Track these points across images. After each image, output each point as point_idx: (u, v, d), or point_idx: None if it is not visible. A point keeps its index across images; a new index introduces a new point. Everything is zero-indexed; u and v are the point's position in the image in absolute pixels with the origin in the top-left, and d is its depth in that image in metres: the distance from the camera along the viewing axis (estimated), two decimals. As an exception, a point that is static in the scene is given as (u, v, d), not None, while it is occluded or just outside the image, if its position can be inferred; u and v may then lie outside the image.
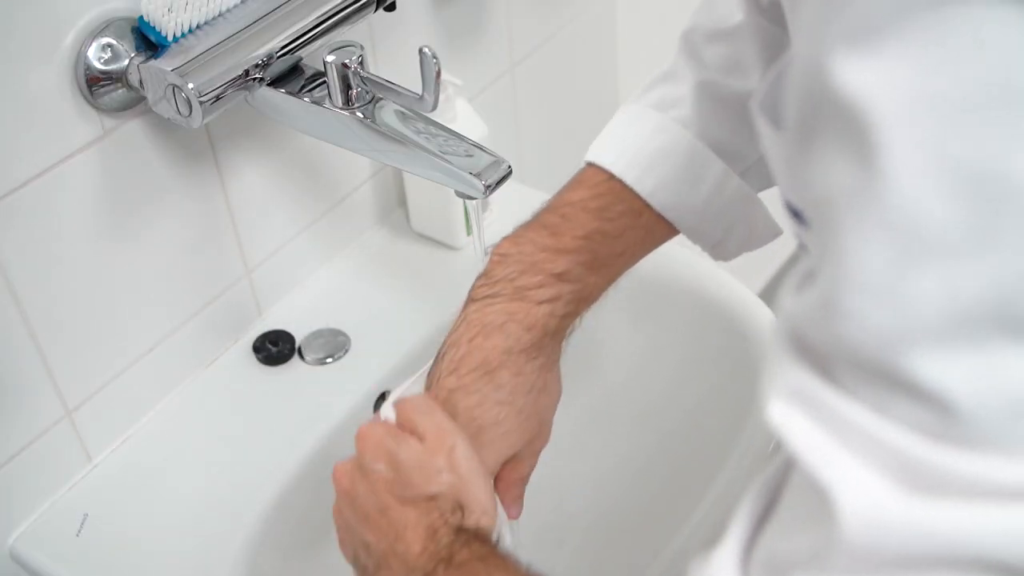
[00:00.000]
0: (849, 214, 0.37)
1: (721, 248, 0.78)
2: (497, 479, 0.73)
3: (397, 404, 0.68)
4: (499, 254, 0.74)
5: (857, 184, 0.37)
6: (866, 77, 0.36)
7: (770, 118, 0.48)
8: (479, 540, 0.62)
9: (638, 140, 0.75)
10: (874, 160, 0.36)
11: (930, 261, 0.36)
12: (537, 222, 0.75)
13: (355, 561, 0.67)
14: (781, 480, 0.47)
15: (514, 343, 0.70)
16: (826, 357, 0.41)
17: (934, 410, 0.37)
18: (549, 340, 0.72)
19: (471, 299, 0.73)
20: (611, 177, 0.74)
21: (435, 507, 0.63)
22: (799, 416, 0.42)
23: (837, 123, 0.37)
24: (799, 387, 0.42)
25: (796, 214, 0.49)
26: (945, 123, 0.35)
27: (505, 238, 0.75)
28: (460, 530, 0.62)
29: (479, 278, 0.74)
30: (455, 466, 0.64)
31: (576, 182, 0.76)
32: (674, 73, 0.77)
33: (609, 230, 0.73)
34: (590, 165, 0.76)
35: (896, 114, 0.35)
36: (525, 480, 0.75)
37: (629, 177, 0.73)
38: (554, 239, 0.73)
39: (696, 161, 0.74)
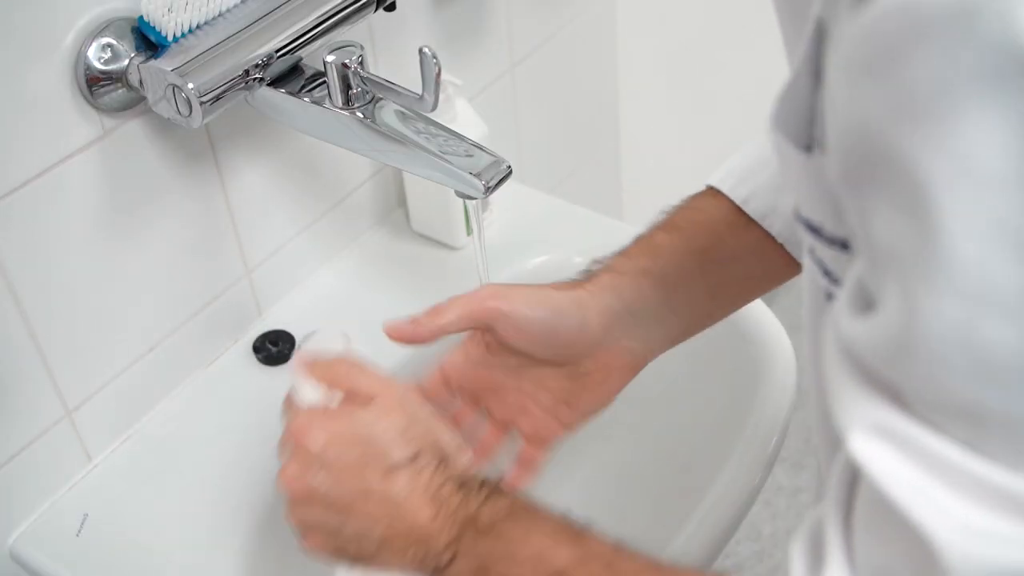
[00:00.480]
0: (915, 269, 0.38)
1: None
2: (523, 434, 0.72)
3: (320, 368, 0.66)
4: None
5: (919, 241, 0.37)
6: (919, 146, 0.36)
7: (787, 135, 0.47)
8: (494, 493, 0.60)
9: (742, 158, 0.75)
10: (934, 221, 0.36)
11: (1003, 317, 0.37)
12: (641, 241, 0.74)
13: (341, 556, 0.64)
14: (848, 499, 0.46)
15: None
16: (901, 391, 0.41)
17: (1002, 431, 0.38)
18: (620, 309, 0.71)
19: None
20: (717, 194, 0.74)
21: (421, 466, 0.61)
22: (886, 451, 0.42)
23: (891, 178, 0.38)
24: (883, 421, 0.42)
25: (814, 230, 0.49)
26: (997, 190, 0.35)
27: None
28: (460, 483, 0.60)
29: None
30: (416, 416, 0.62)
31: (694, 198, 0.76)
32: None
33: (723, 238, 0.73)
34: (706, 188, 0.76)
35: (951, 179, 0.36)
36: (549, 443, 0.73)
37: (726, 187, 0.73)
38: (669, 237, 0.73)
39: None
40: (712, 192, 0.74)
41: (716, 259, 0.73)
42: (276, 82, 0.81)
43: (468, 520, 0.59)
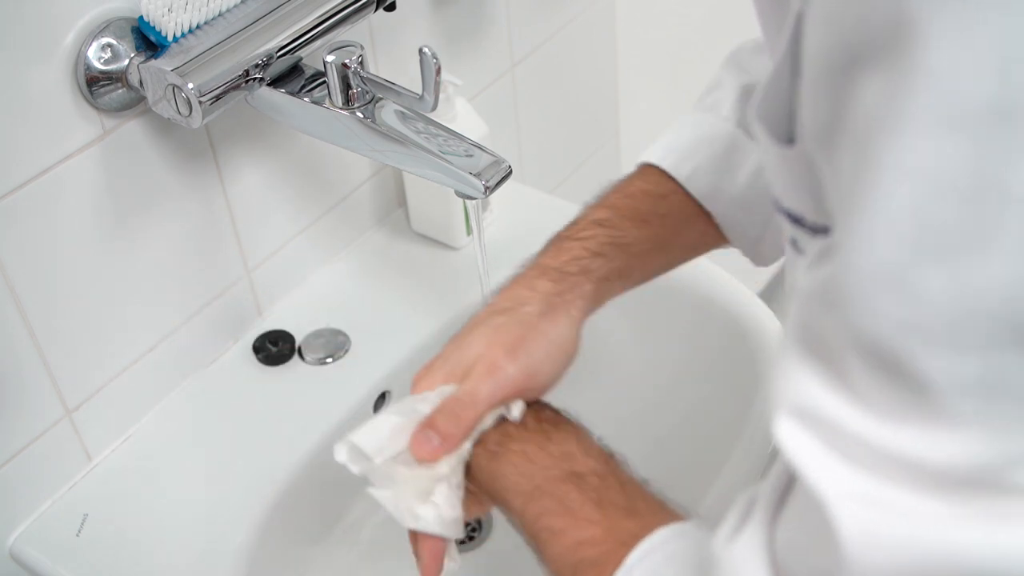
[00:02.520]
0: (859, 209, 0.38)
1: (761, 249, 0.78)
2: None
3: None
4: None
5: (860, 178, 0.38)
6: (875, 85, 0.37)
7: (768, 127, 0.48)
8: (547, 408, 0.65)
9: (680, 134, 0.76)
10: (874, 155, 0.37)
11: (938, 258, 0.37)
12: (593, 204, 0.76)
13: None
14: (788, 481, 0.48)
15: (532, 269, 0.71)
16: (833, 346, 0.41)
17: (923, 395, 0.39)
18: (570, 283, 0.71)
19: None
20: (656, 170, 0.75)
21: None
22: (803, 434, 0.42)
23: (852, 123, 0.38)
24: (804, 402, 0.43)
25: (796, 219, 0.49)
26: (941, 132, 0.36)
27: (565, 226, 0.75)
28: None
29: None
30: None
31: (631, 176, 0.77)
32: (719, 82, 0.79)
33: (659, 208, 0.74)
34: (641, 165, 0.77)
35: (898, 122, 0.36)
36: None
37: (667, 163, 0.74)
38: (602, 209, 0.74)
39: (735, 148, 0.75)
40: (658, 172, 0.75)
41: (670, 246, 0.75)
42: (276, 82, 0.81)
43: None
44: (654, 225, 0.73)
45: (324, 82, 0.80)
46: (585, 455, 0.60)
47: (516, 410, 0.64)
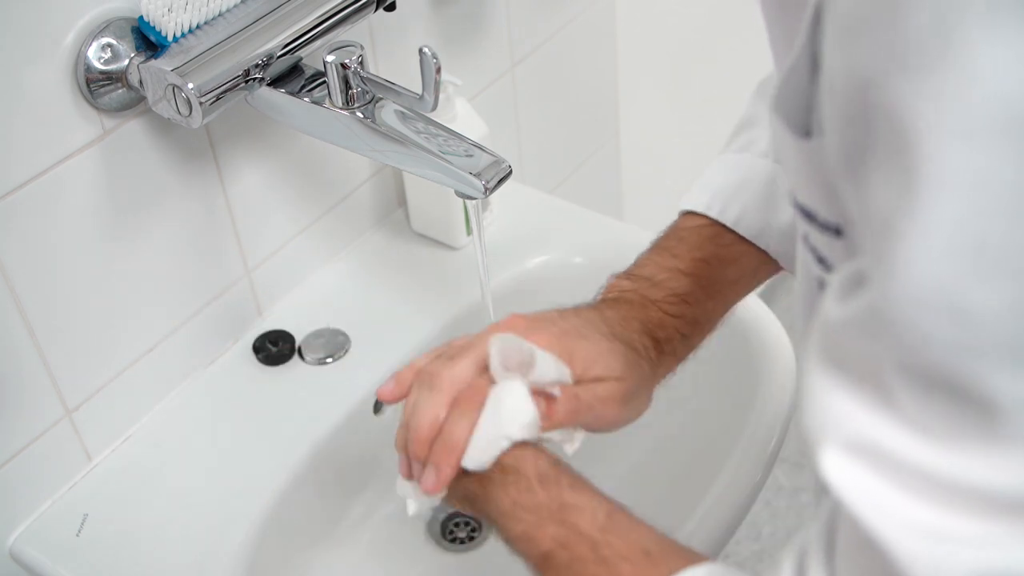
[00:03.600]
0: (900, 227, 0.37)
1: None
2: None
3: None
4: (622, 275, 0.73)
5: (905, 197, 0.36)
6: (913, 96, 0.35)
7: (787, 121, 0.47)
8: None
9: (722, 179, 0.75)
10: (921, 173, 0.35)
11: (996, 274, 0.36)
12: (655, 247, 0.75)
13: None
14: (834, 526, 0.46)
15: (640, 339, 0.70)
16: (881, 373, 0.40)
17: (985, 416, 0.37)
18: (656, 343, 0.71)
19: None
20: (702, 217, 0.74)
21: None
22: (857, 469, 0.41)
23: (887, 140, 0.37)
24: (853, 433, 0.41)
25: (808, 215, 0.48)
26: (985, 141, 0.34)
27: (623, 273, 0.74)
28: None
29: (601, 292, 0.73)
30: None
31: (681, 220, 0.77)
32: (751, 118, 0.78)
33: (724, 256, 0.73)
34: (684, 213, 0.76)
35: (940, 129, 0.35)
36: None
37: (714, 211, 0.74)
38: (674, 260, 0.73)
39: (774, 183, 0.74)
40: (700, 217, 0.75)
41: (724, 289, 0.75)
42: (276, 82, 0.81)
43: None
44: (724, 290, 0.74)
45: (324, 82, 0.80)
46: (539, 525, 0.59)
47: (577, 442, 0.65)
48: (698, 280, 0.72)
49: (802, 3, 0.45)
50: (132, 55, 0.77)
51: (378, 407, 0.95)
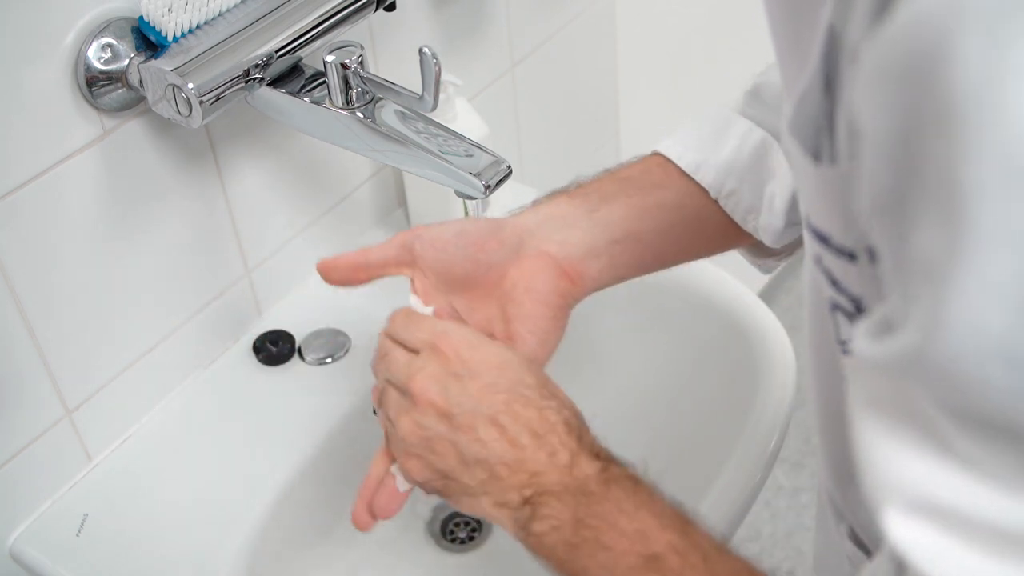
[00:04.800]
0: (949, 277, 0.36)
1: (763, 219, 0.75)
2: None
3: (441, 311, 0.67)
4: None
5: (955, 249, 0.36)
6: (959, 151, 0.35)
7: (803, 145, 0.46)
8: (613, 464, 0.60)
9: (687, 125, 0.77)
10: (972, 225, 0.35)
11: None
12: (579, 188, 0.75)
13: (435, 482, 0.63)
14: None
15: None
16: (936, 423, 0.39)
17: None
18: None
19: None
20: (659, 155, 0.75)
21: (555, 408, 0.60)
22: (929, 532, 0.39)
23: (933, 190, 0.36)
24: (916, 491, 0.40)
25: (822, 238, 0.48)
26: None
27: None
28: (586, 444, 0.60)
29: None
30: (546, 376, 0.63)
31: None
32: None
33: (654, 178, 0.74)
34: (653, 152, 0.78)
35: (989, 181, 0.34)
36: None
37: (661, 146, 0.75)
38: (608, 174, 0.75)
39: (724, 124, 0.75)
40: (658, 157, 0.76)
41: (640, 187, 0.74)
42: (276, 82, 0.81)
43: (584, 478, 0.58)
44: (662, 192, 0.74)
45: (324, 82, 0.80)
46: (662, 528, 0.56)
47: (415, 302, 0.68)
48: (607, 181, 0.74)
49: (814, 23, 0.44)
50: (132, 55, 0.77)
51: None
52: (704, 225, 0.75)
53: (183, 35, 0.77)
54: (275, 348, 0.96)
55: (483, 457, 0.60)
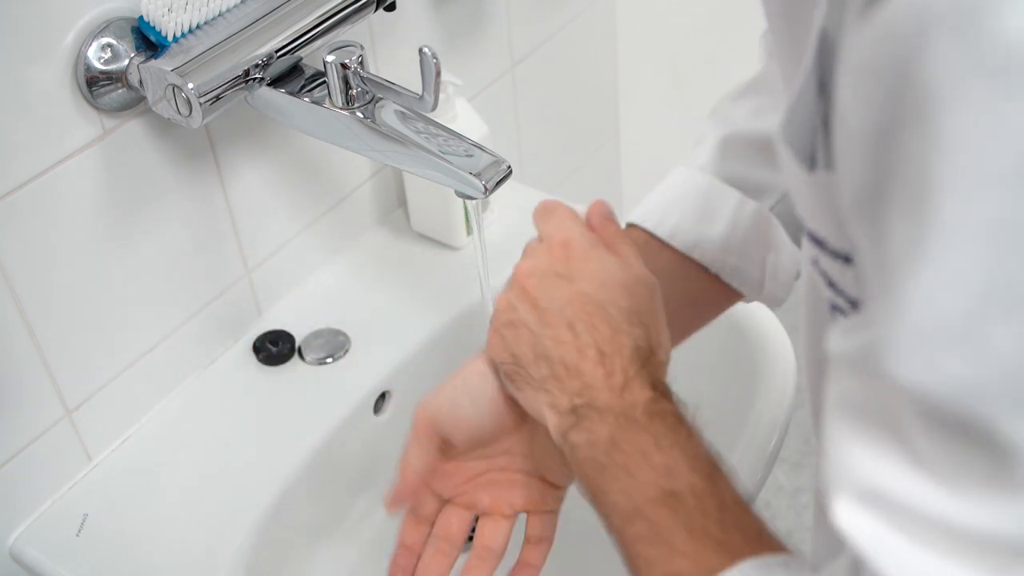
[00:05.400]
0: (915, 268, 0.36)
1: (769, 290, 0.75)
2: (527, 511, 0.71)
3: (600, 221, 0.66)
4: None
5: (919, 239, 0.36)
6: (932, 144, 0.35)
7: (795, 151, 0.47)
8: (666, 398, 0.61)
9: (662, 192, 0.75)
10: (935, 219, 0.35)
11: (1006, 317, 0.35)
12: None
13: (512, 366, 0.63)
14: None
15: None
16: (892, 415, 0.39)
17: (1008, 464, 0.36)
18: None
19: None
20: (641, 231, 0.73)
21: (631, 335, 0.61)
22: (873, 521, 0.40)
23: (906, 184, 0.37)
24: (866, 482, 0.40)
25: (819, 242, 0.48)
26: (998, 189, 0.34)
27: None
28: (649, 376, 0.61)
29: None
30: (653, 302, 0.63)
31: None
32: (701, 137, 0.78)
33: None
34: (628, 226, 0.75)
35: (954, 178, 0.35)
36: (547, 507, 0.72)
37: (649, 223, 0.73)
38: None
39: (710, 196, 0.73)
40: (644, 233, 0.73)
41: (678, 307, 0.73)
42: (276, 82, 0.81)
43: (631, 403, 0.59)
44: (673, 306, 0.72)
45: (324, 82, 0.80)
46: (690, 469, 0.57)
47: None
48: None
49: (808, 25, 0.44)
50: (132, 55, 0.77)
51: (378, 407, 0.95)
52: (702, 300, 0.76)
53: (183, 35, 0.77)
54: (275, 348, 0.96)
55: (551, 354, 0.61)
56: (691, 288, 0.74)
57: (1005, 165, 0.34)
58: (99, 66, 0.76)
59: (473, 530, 1.01)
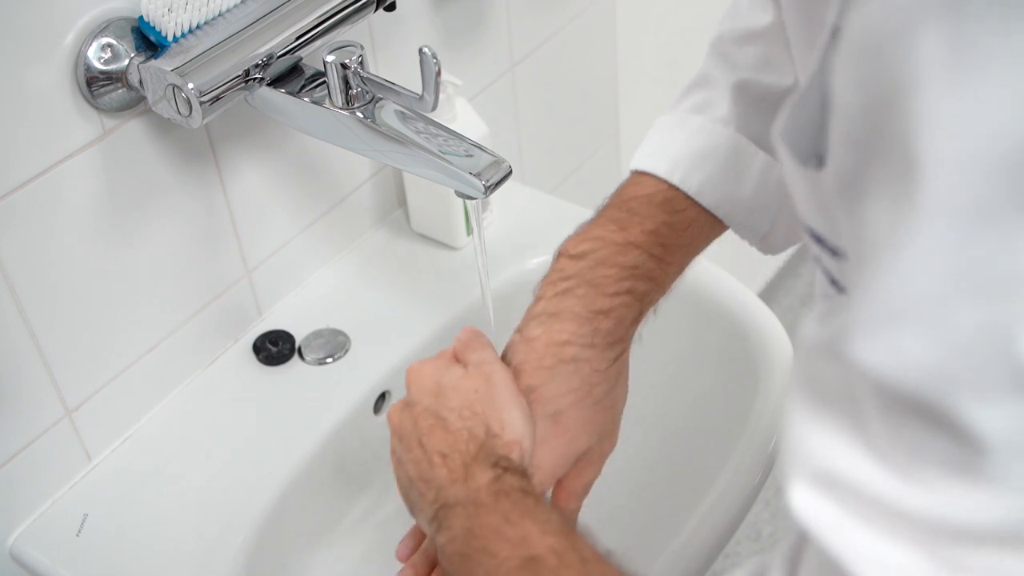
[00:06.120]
0: (895, 247, 0.36)
1: (769, 241, 0.77)
2: (559, 485, 0.72)
3: (455, 340, 0.71)
4: (567, 254, 0.72)
5: (899, 217, 0.36)
6: (920, 122, 0.35)
7: (793, 150, 0.47)
8: (510, 474, 0.62)
9: (681, 143, 0.75)
10: (916, 196, 0.35)
11: (975, 300, 0.35)
12: (603, 217, 0.74)
13: (406, 500, 0.68)
14: (800, 548, 0.45)
15: (592, 334, 0.69)
16: (849, 399, 0.39)
17: (965, 449, 0.36)
18: (624, 332, 0.71)
19: (539, 297, 0.71)
20: (658, 181, 0.74)
21: (460, 430, 0.64)
22: (823, 502, 0.40)
23: (890, 165, 0.37)
24: (819, 464, 0.40)
25: (818, 239, 0.48)
26: (981, 170, 0.34)
27: (569, 238, 0.73)
28: (489, 460, 0.63)
29: (546, 276, 0.72)
30: (491, 394, 0.66)
31: (633, 184, 0.76)
32: (706, 78, 0.78)
33: (675, 223, 0.73)
34: (637, 173, 0.76)
35: (946, 159, 0.35)
36: (587, 488, 0.73)
37: (675, 178, 0.74)
38: (623, 234, 0.72)
39: (739, 155, 0.74)
40: (663, 185, 0.74)
41: (676, 257, 0.75)
42: (276, 82, 0.81)
43: (476, 489, 0.62)
44: (678, 256, 0.74)
45: (324, 82, 0.80)
46: (543, 533, 0.59)
47: None
48: (648, 253, 0.72)
49: (822, 25, 0.44)
50: (132, 55, 0.77)
51: (378, 407, 0.95)
52: (705, 241, 0.77)
53: (183, 35, 0.77)
54: (275, 348, 0.96)
55: (412, 475, 0.66)
56: (710, 232, 0.76)
57: (985, 148, 0.34)
58: (99, 66, 0.76)
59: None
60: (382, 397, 0.95)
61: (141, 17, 0.76)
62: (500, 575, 0.59)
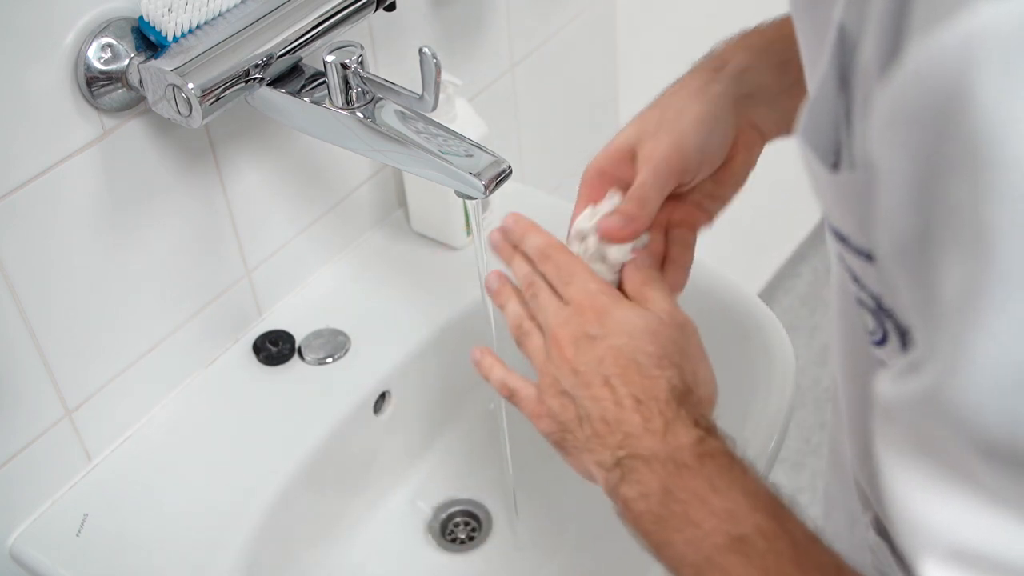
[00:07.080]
0: (970, 312, 0.36)
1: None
2: (672, 222, 0.72)
3: (628, 272, 0.68)
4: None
5: (976, 286, 0.36)
6: (984, 192, 0.35)
7: (815, 149, 0.46)
8: (713, 436, 0.60)
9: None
10: (993, 264, 0.35)
11: None
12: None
13: (565, 435, 0.64)
14: None
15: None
16: (962, 463, 0.39)
17: None
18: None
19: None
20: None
21: (665, 381, 0.61)
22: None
23: (958, 231, 0.36)
24: (956, 539, 0.40)
25: (842, 238, 0.48)
26: None
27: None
28: (691, 415, 0.60)
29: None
30: (686, 342, 0.64)
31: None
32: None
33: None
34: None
35: (1011, 222, 0.34)
36: (698, 228, 0.73)
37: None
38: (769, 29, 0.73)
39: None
40: None
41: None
42: (276, 82, 0.81)
43: (677, 447, 0.59)
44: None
45: (324, 82, 0.80)
46: (752, 509, 0.56)
47: (608, 203, 0.70)
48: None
49: (828, 21, 0.44)
50: (132, 55, 0.77)
51: (378, 407, 0.95)
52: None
53: (183, 35, 0.77)
54: (275, 348, 0.96)
55: (590, 414, 0.62)
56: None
57: None
58: (99, 66, 0.76)
59: (473, 530, 1.01)
60: (382, 397, 0.95)
61: (141, 17, 0.76)
62: (703, 549, 0.56)
